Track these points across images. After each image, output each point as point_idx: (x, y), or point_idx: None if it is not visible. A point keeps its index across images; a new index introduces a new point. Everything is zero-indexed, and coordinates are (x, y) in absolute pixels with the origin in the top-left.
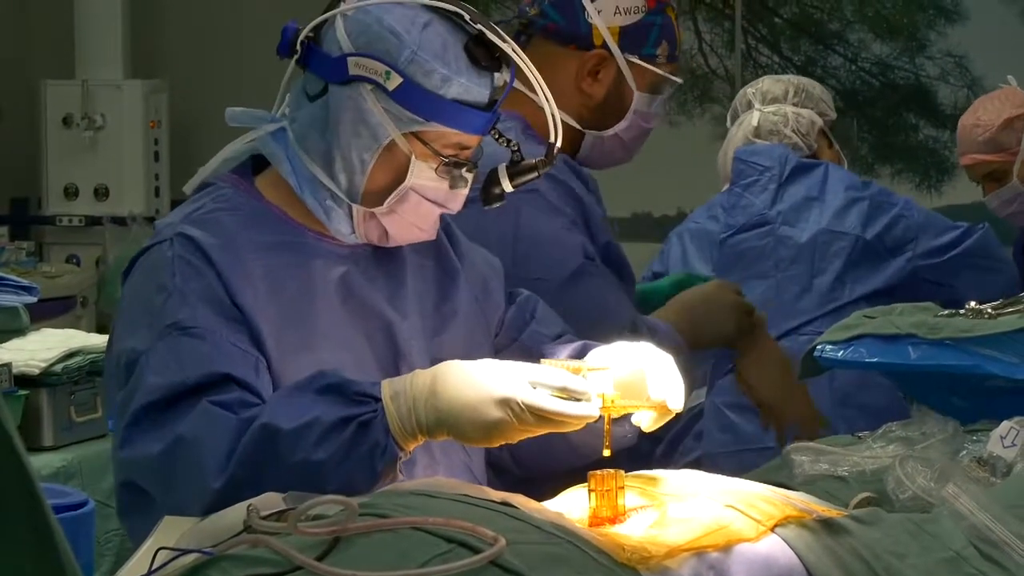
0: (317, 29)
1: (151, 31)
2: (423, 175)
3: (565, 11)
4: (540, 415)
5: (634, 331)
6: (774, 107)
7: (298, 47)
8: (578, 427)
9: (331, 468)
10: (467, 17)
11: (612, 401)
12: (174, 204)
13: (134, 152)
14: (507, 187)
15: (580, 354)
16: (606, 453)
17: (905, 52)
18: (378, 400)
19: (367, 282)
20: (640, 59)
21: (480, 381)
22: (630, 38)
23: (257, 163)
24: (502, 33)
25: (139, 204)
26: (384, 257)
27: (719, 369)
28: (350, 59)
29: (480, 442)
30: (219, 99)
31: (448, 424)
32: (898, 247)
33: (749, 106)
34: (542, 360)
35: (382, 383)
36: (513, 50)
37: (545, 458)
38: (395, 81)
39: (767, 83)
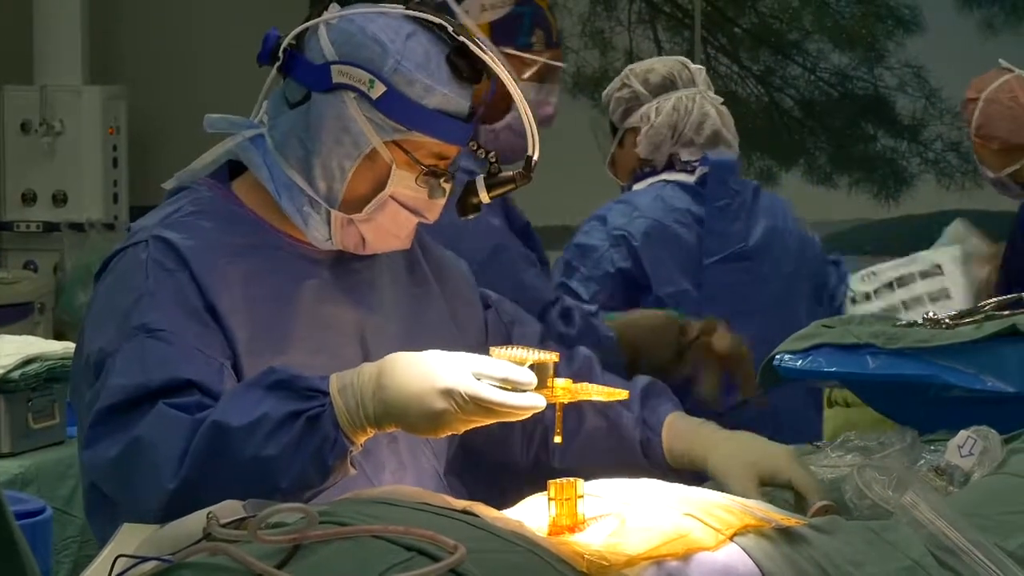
0: (299, 37)
1: (110, 37)
2: (403, 184)
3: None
4: (483, 406)
5: (563, 316)
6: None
7: (280, 55)
8: (521, 417)
9: (282, 463)
10: (450, 29)
11: (562, 390)
12: (133, 210)
13: (92, 158)
14: (484, 198)
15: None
16: (556, 440)
17: (864, 62)
18: (326, 394)
19: (341, 287)
20: (516, 50)
21: (424, 372)
22: (501, 31)
23: (233, 167)
24: (484, 44)
25: (97, 210)
26: (359, 263)
27: None
28: (334, 67)
29: (427, 432)
30: (178, 106)
31: (394, 415)
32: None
33: (668, 87)
34: (491, 350)
35: (331, 377)
36: (494, 62)
37: (497, 468)
38: (379, 90)
39: (670, 63)
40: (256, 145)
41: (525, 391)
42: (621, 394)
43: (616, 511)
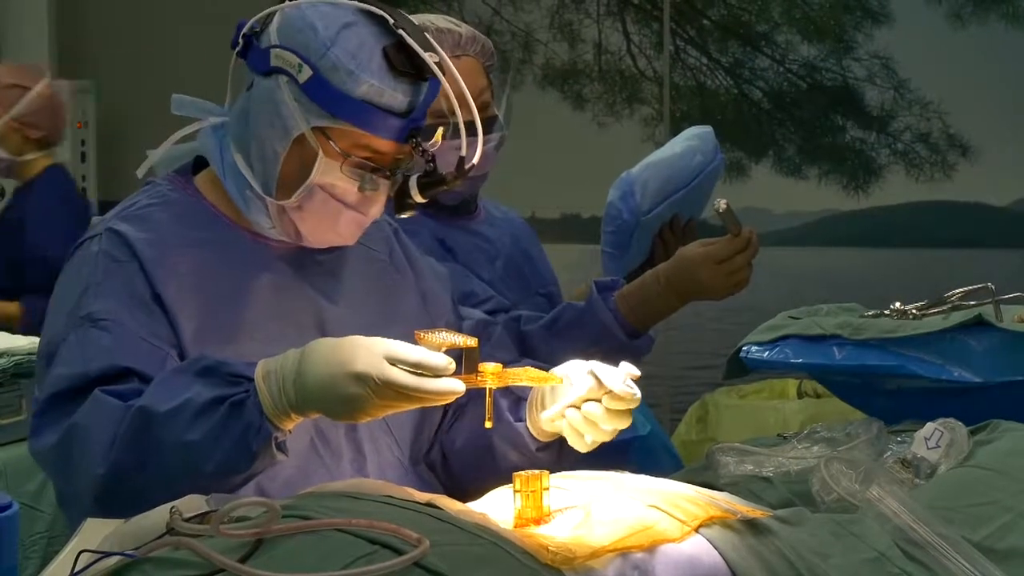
0: (263, 24)
1: (77, 32)
2: (329, 173)
3: None
4: (398, 391)
5: None
6: None
7: (240, 40)
8: (441, 402)
9: (205, 448)
10: (390, 22)
11: (491, 376)
12: (101, 205)
13: (61, 153)
14: (417, 198)
15: None
16: (487, 425)
17: (832, 54)
18: (251, 380)
19: (302, 279)
20: None
21: (339, 358)
22: None
23: (200, 161)
24: (432, 42)
25: None
26: (323, 255)
27: None
28: (273, 51)
29: (345, 418)
30: (146, 100)
31: (312, 401)
32: None
33: None
34: (416, 334)
35: (258, 363)
36: (437, 62)
37: (472, 470)
38: (306, 74)
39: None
40: (217, 132)
41: (442, 376)
42: (552, 379)
43: (582, 503)
